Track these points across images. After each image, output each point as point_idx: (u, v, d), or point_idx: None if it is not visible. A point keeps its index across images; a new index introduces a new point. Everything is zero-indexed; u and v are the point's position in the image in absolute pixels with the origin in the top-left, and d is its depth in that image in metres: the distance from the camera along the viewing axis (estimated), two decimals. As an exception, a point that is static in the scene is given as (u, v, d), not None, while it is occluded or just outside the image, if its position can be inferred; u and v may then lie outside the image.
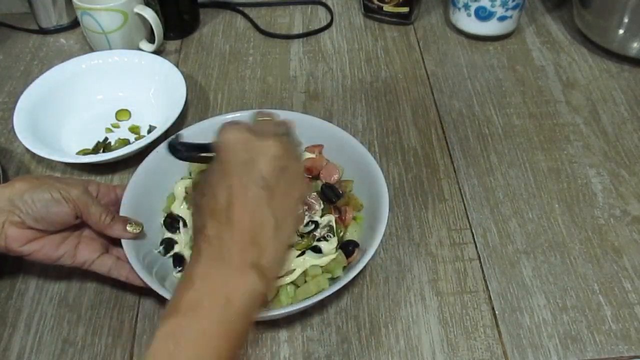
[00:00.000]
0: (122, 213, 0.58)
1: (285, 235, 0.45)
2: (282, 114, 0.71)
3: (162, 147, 0.65)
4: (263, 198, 0.43)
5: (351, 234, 0.61)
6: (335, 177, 0.64)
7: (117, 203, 0.60)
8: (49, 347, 0.57)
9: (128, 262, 0.55)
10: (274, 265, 0.44)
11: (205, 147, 0.51)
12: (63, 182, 0.55)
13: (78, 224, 0.57)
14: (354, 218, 0.62)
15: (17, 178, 0.56)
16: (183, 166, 0.66)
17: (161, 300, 0.54)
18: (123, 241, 0.56)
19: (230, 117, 0.69)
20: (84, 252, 0.57)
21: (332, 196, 0.62)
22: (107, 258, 0.57)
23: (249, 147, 0.45)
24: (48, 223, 0.54)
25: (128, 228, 0.56)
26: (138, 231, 0.57)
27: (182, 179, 0.65)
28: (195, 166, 0.66)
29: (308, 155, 0.65)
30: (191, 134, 0.66)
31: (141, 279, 0.54)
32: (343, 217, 0.61)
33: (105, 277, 0.58)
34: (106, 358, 0.56)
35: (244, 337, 0.42)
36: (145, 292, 0.58)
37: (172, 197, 0.64)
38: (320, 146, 0.66)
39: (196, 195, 0.46)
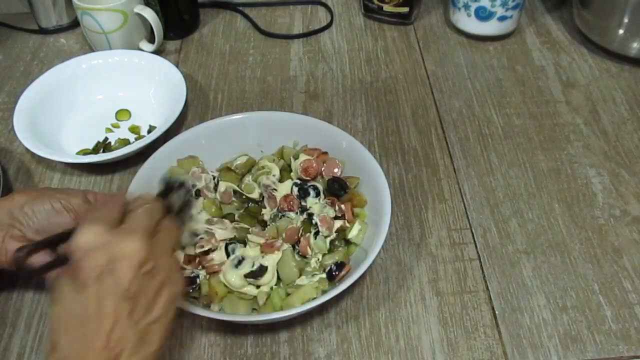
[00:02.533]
0: None
1: (150, 346, 0.42)
2: (282, 115, 0.72)
3: (159, 153, 0.64)
4: (122, 311, 0.40)
5: (357, 235, 0.60)
6: (336, 170, 0.64)
7: None
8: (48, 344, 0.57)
9: None
10: None
11: (57, 241, 0.45)
12: (63, 192, 0.55)
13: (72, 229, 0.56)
14: (357, 215, 0.62)
15: (16, 190, 0.56)
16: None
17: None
18: None
19: (233, 117, 0.69)
20: None
21: (338, 190, 0.62)
22: None
23: (108, 252, 0.40)
24: (49, 234, 0.53)
25: None
26: None
27: None
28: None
29: (304, 157, 0.65)
30: (190, 137, 0.67)
31: None
32: (343, 215, 0.61)
33: None
34: (106, 358, 0.56)
35: None
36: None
37: None
38: (318, 150, 0.66)
39: (51, 304, 0.42)
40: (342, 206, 0.61)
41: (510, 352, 0.56)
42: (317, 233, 0.59)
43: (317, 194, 0.62)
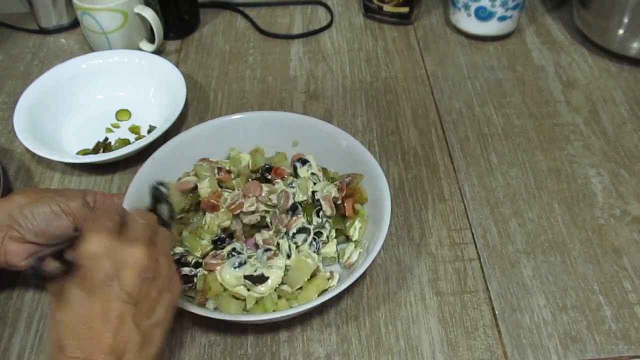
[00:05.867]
0: None
1: (152, 348, 0.44)
2: (282, 115, 0.72)
3: (159, 153, 0.64)
4: (127, 314, 0.42)
5: (359, 232, 0.60)
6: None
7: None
8: (49, 347, 0.57)
9: None
10: None
11: (61, 252, 0.45)
12: (62, 195, 0.55)
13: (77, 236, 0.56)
14: (357, 212, 0.62)
15: (16, 191, 0.56)
16: (179, 171, 0.66)
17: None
18: None
19: (232, 118, 0.69)
20: None
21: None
22: None
23: (113, 259, 0.42)
24: (48, 237, 0.53)
25: None
26: None
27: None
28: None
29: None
30: (190, 137, 0.67)
31: None
32: (343, 211, 0.62)
33: None
34: (106, 358, 0.56)
35: None
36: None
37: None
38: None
39: (55, 309, 0.43)
40: (345, 204, 0.62)
41: (510, 352, 0.56)
42: (319, 210, 0.60)
43: (304, 163, 0.64)
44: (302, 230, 0.59)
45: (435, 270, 0.62)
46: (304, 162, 0.64)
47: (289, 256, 0.58)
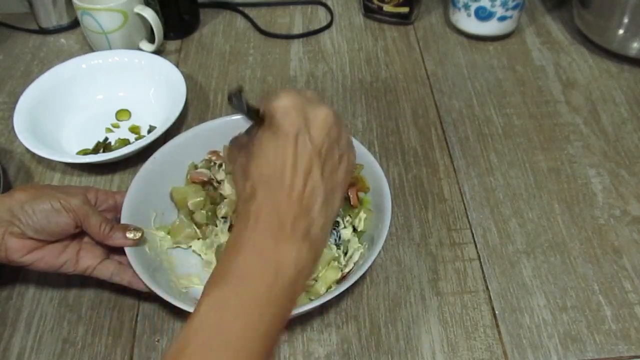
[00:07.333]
0: (123, 221, 0.58)
1: (333, 207, 0.45)
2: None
3: (160, 153, 0.64)
4: (316, 166, 0.43)
5: (364, 223, 0.60)
6: None
7: (116, 209, 0.59)
8: (49, 347, 0.57)
9: (130, 267, 0.55)
10: (322, 237, 0.44)
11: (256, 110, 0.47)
12: (63, 192, 0.55)
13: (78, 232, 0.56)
14: (361, 202, 0.62)
15: (17, 187, 0.56)
16: (179, 171, 0.66)
17: (162, 301, 0.54)
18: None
19: (233, 118, 0.69)
20: (86, 258, 0.56)
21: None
22: (109, 263, 0.57)
23: (304, 113, 0.44)
24: (48, 233, 0.54)
25: (128, 235, 0.56)
26: (138, 237, 0.56)
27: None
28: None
29: None
30: (190, 137, 0.67)
31: (144, 284, 0.54)
32: (349, 199, 0.62)
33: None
34: (106, 358, 0.56)
35: (290, 309, 0.42)
36: (145, 292, 0.57)
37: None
38: None
39: (242, 157, 0.45)
40: (350, 193, 0.62)
41: (510, 352, 0.56)
42: None
43: None
44: None
45: (435, 270, 0.62)
46: None
47: None
